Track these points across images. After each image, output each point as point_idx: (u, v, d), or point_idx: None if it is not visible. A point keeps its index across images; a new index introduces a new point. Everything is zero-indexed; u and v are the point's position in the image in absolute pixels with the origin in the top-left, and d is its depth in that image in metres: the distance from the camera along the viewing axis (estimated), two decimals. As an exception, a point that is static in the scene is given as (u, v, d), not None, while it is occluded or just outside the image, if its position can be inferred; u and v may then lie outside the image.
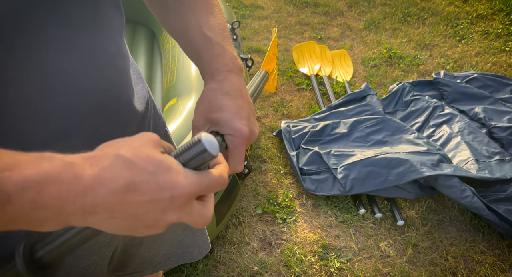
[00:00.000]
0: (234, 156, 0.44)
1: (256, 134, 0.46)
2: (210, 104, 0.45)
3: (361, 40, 2.75)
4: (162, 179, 0.30)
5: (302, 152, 1.73)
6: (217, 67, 0.47)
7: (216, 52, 0.47)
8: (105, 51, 0.44)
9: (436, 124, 1.87)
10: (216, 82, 0.46)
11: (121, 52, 0.47)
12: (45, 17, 0.37)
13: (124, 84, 0.48)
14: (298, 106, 2.14)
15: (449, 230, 1.54)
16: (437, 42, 2.71)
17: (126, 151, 0.31)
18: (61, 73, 0.40)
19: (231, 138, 0.44)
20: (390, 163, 1.57)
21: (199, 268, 1.37)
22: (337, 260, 1.42)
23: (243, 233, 1.50)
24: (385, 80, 2.34)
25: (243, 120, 0.44)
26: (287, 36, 2.80)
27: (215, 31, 0.49)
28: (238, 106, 0.45)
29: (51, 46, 0.38)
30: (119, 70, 0.46)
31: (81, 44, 0.40)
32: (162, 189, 0.30)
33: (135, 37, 2.20)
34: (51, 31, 0.38)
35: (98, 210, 0.29)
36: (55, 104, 0.40)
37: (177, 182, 0.31)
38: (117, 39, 0.46)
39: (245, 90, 0.47)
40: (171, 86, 1.70)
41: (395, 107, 2.01)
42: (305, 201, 1.64)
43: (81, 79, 0.41)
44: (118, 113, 0.48)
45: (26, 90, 0.38)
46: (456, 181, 1.48)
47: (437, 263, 1.43)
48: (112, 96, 0.46)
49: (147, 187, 0.30)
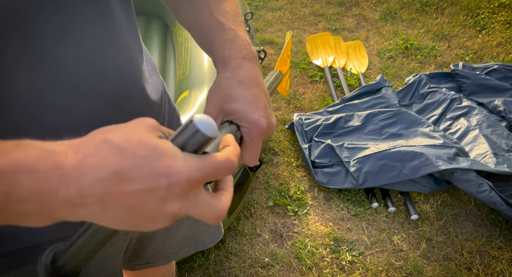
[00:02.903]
0: (250, 148, 0.41)
1: (274, 125, 0.43)
2: (223, 94, 0.42)
3: (377, 31, 2.69)
4: (156, 164, 0.27)
5: (315, 145, 1.71)
6: (230, 54, 0.44)
7: (229, 37, 0.45)
8: (109, 41, 0.42)
9: (454, 117, 1.82)
10: (229, 70, 0.43)
11: (128, 42, 0.46)
12: (45, 6, 0.36)
13: (134, 73, 0.47)
14: (311, 98, 2.12)
15: (464, 225, 1.51)
16: (456, 33, 2.63)
17: (115, 136, 0.28)
18: (63, 63, 0.39)
19: (247, 130, 0.41)
20: (405, 157, 1.55)
21: (211, 258, 1.39)
22: (348, 253, 1.42)
23: (254, 225, 1.50)
24: (401, 72, 2.29)
25: (260, 111, 0.41)
26: (300, 27, 2.76)
27: (228, 16, 0.47)
28: (254, 95, 0.41)
29: (52, 35, 0.37)
30: (126, 59, 0.45)
31: (83, 33, 0.39)
32: (157, 176, 0.27)
33: (148, 29, 2.21)
34: (51, 20, 0.37)
35: (87, 201, 0.26)
36: (60, 94, 0.39)
37: (174, 166, 0.27)
38: (122, 29, 0.44)
39: (260, 78, 0.44)
40: (184, 78, 1.70)
41: (411, 100, 1.97)
42: (317, 194, 1.63)
43: (85, 68, 0.40)
44: (130, 103, 0.47)
45: (28, 80, 0.37)
46: (473, 175, 1.45)
47: (452, 258, 1.41)
48: (121, 85, 0.45)
49: (139, 174, 0.27)
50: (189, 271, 1.36)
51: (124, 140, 0.27)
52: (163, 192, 0.27)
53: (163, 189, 0.27)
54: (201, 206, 0.29)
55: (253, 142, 0.41)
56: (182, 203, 0.28)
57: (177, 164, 0.28)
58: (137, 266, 0.76)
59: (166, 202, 0.28)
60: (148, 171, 0.27)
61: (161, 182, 0.27)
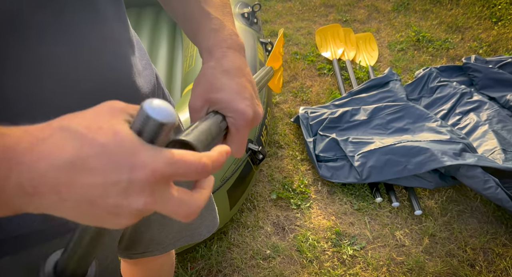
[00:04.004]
0: (235, 139, 0.40)
1: (260, 115, 0.42)
2: (208, 84, 0.41)
3: (389, 23, 2.64)
4: (116, 154, 0.25)
5: (319, 139, 1.71)
6: (214, 43, 0.43)
7: (214, 27, 0.44)
8: (96, 36, 0.42)
9: (463, 111, 1.79)
10: (214, 60, 0.42)
11: (116, 37, 0.46)
12: (35, 4, 0.37)
13: (123, 68, 0.47)
14: (318, 91, 2.10)
15: (469, 221, 1.50)
16: (470, 24, 2.56)
17: (75, 122, 0.26)
18: (54, 59, 0.39)
19: (232, 121, 0.40)
20: (410, 152, 1.53)
21: (213, 249, 1.41)
22: (350, 247, 1.42)
23: (257, 217, 1.52)
24: (412, 65, 2.25)
25: (246, 100, 0.40)
26: (310, 18, 2.73)
27: (215, 6, 0.46)
28: (240, 85, 0.41)
29: (36, 33, 0.37)
30: (115, 54, 0.45)
31: (68, 30, 0.40)
32: (118, 166, 0.25)
33: (158, 21, 2.22)
34: (35, 18, 0.37)
35: (42, 190, 0.25)
36: (50, 90, 0.40)
37: (137, 157, 0.25)
38: (110, 25, 0.45)
39: (246, 68, 0.44)
40: (190, 71, 1.71)
41: (420, 94, 1.94)
42: (320, 188, 1.63)
43: (75, 64, 0.41)
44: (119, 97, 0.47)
45: (19, 77, 0.38)
46: (479, 172, 1.43)
47: (455, 254, 1.40)
48: (109, 80, 0.45)
49: (98, 163, 0.25)
50: (191, 261, 1.39)
51: (84, 126, 0.26)
52: (124, 185, 0.25)
53: (124, 182, 0.25)
54: (170, 202, 0.27)
55: (239, 132, 0.40)
56: (147, 198, 0.26)
57: (141, 154, 0.25)
58: (135, 255, 0.78)
59: (129, 195, 0.25)
60: (108, 160, 0.25)
61: (122, 174, 0.25)
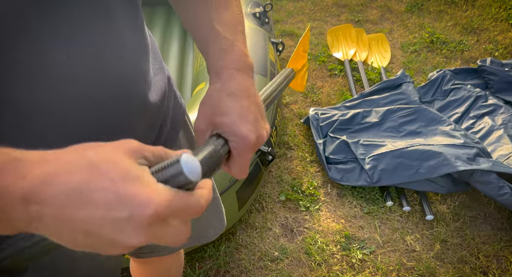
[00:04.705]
0: (237, 162, 0.41)
1: (264, 138, 0.42)
2: (213, 106, 0.41)
3: (402, 24, 2.60)
4: (123, 190, 0.25)
5: (330, 141, 1.69)
6: (223, 65, 0.43)
7: (224, 47, 0.44)
8: (107, 43, 0.42)
9: (477, 115, 1.75)
10: (221, 81, 0.43)
11: (128, 43, 0.45)
12: (46, 12, 0.36)
13: (133, 75, 0.46)
14: (329, 92, 2.08)
15: (482, 227, 1.47)
16: (486, 26, 2.51)
17: (93, 153, 0.27)
18: (64, 68, 0.38)
19: (234, 145, 0.40)
20: (422, 156, 1.50)
21: (221, 249, 1.41)
22: (359, 251, 1.40)
23: (265, 218, 1.51)
24: (425, 66, 2.22)
25: (249, 124, 0.40)
26: (322, 18, 2.71)
27: (227, 25, 0.45)
28: (244, 108, 0.41)
29: (44, 39, 0.37)
30: (125, 61, 0.45)
31: (77, 36, 0.39)
32: (121, 205, 0.25)
33: (170, 20, 2.23)
34: (43, 23, 0.36)
35: (44, 216, 0.25)
36: (59, 99, 0.39)
37: (142, 196, 0.26)
38: (122, 30, 0.44)
39: (253, 89, 0.44)
40: (201, 70, 1.71)
41: (433, 96, 1.91)
42: (330, 190, 1.61)
43: (80, 72, 0.40)
44: (128, 106, 0.46)
45: (30, 86, 0.37)
46: (493, 177, 1.39)
47: (467, 261, 1.37)
48: (118, 88, 0.44)
49: (102, 198, 0.25)
50: (199, 261, 1.39)
51: (99, 158, 0.26)
52: (123, 223, 0.26)
53: (124, 220, 0.25)
54: (163, 237, 0.28)
55: (240, 156, 0.40)
56: (142, 237, 0.26)
57: (146, 193, 0.26)
58: (142, 254, 0.78)
59: (125, 233, 0.26)
60: (113, 196, 0.25)
61: (123, 212, 0.25)
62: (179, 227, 0.29)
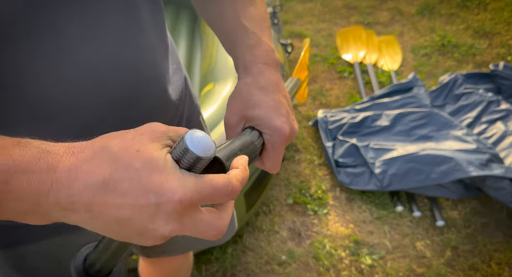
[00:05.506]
0: (271, 156, 0.41)
1: (296, 132, 0.42)
2: (244, 100, 0.41)
3: (413, 26, 2.58)
4: (146, 180, 0.25)
5: (339, 144, 1.67)
6: (251, 59, 0.43)
7: (252, 42, 0.44)
8: (132, 45, 0.42)
9: (490, 120, 1.72)
10: (250, 76, 0.43)
11: (152, 45, 0.46)
12: (68, 10, 0.36)
13: (155, 76, 0.47)
14: (338, 95, 2.06)
15: (494, 234, 1.44)
16: (498, 30, 2.48)
17: (115, 143, 0.27)
18: (85, 66, 0.39)
19: (269, 137, 0.40)
20: (434, 161, 1.48)
21: (228, 252, 1.39)
22: (368, 257, 1.38)
23: (273, 221, 1.49)
24: (436, 70, 2.19)
25: (282, 117, 0.40)
26: (332, 20, 2.69)
27: (253, 21, 0.46)
28: (276, 101, 0.41)
29: (75, 39, 0.37)
30: (149, 63, 0.45)
31: (105, 38, 0.40)
32: (147, 192, 0.25)
33: (178, 19, 2.22)
34: (73, 23, 0.37)
35: (76, 207, 0.26)
36: (78, 96, 0.40)
37: (167, 184, 0.26)
38: (147, 32, 0.44)
39: (282, 84, 0.44)
40: (209, 71, 1.70)
41: (444, 100, 1.88)
42: (338, 194, 1.59)
43: (106, 72, 0.41)
44: (148, 105, 0.47)
45: (50, 83, 0.38)
46: (507, 184, 1.37)
47: (478, 268, 1.34)
48: (140, 88, 0.45)
49: (128, 187, 0.25)
50: (206, 263, 1.37)
51: (122, 148, 0.26)
52: (152, 211, 0.26)
53: (152, 207, 0.26)
54: (198, 227, 0.28)
55: (275, 149, 0.40)
56: (174, 225, 0.26)
57: (170, 182, 0.26)
58: (153, 254, 0.78)
59: (155, 221, 0.26)
60: (138, 185, 0.25)
61: (150, 199, 0.25)
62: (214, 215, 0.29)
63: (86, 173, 0.26)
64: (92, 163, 0.26)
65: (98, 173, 0.26)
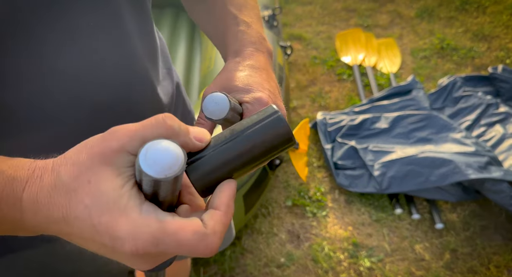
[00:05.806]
0: None
1: (283, 110, 0.38)
2: (230, 74, 0.38)
3: (412, 29, 2.58)
4: (97, 221, 0.22)
5: (338, 146, 1.67)
6: (241, 44, 0.41)
7: (242, 28, 0.42)
8: (115, 52, 0.40)
9: (488, 123, 1.72)
10: (240, 57, 0.40)
11: (136, 52, 0.43)
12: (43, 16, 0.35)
13: (140, 84, 0.45)
14: (337, 97, 2.07)
15: (493, 237, 1.44)
16: (497, 33, 2.48)
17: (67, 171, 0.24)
18: (63, 74, 0.37)
19: (249, 107, 0.35)
20: (433, 163, 1.48)
21: (227, 254, 1.39)
22: (367, 259, 1.38)
23: (271, 224, 1.49)
24: (435, 73, 2.19)
25: (266, 90, 0.37)
26: (331, 23, 2.69)
27: (241, 9, 0.44)
28: (263, 79, 0.38)
29: (51, 46, 0.36)
30: (133, 70, 0.43)
31: (85, 45, 0.38)
32: (100, 234, 0.22)
33: (177, 22, 2.22)
34: (50, 31, 0.35)
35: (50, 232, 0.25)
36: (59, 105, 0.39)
37: (116, 229, 0.22)
38: (131, 39, 0.42)
39: (271, 71, 0.41)
40: (209, 73, 1.70)
41: (443, 103, 1.88)
42: (337, 196, 1.59)
43: (86, 80, 0.39)
44: (135, 110, 0.45)
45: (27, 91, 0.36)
46: (505, 186, 1.37)
47: (477, 271, 1.34)
48: (124, 97, 0.43)
49: (82, 226, 0.23)
50: (204, 266, 1.37)
51: (73, 178, 0.23)
52: (111, 251, 0.23)
53: (109, 249, 0.23)
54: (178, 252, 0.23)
55: None
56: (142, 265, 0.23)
57: (121, 226, 0.22)
58: None
59: (122, 259, 0.24)
60: (90, 227, 0.23)
61: (105, 241, 0.23)
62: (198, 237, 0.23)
63: (46, 207, 0.24)
64: (50, 197, 0.24)
65: (56, 209, 0.24)
